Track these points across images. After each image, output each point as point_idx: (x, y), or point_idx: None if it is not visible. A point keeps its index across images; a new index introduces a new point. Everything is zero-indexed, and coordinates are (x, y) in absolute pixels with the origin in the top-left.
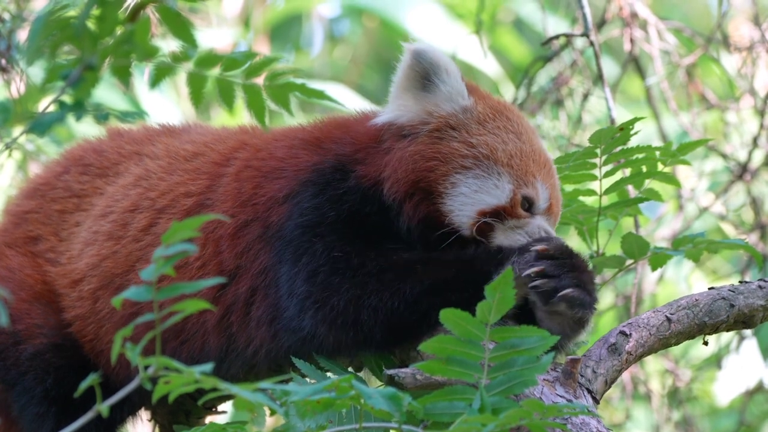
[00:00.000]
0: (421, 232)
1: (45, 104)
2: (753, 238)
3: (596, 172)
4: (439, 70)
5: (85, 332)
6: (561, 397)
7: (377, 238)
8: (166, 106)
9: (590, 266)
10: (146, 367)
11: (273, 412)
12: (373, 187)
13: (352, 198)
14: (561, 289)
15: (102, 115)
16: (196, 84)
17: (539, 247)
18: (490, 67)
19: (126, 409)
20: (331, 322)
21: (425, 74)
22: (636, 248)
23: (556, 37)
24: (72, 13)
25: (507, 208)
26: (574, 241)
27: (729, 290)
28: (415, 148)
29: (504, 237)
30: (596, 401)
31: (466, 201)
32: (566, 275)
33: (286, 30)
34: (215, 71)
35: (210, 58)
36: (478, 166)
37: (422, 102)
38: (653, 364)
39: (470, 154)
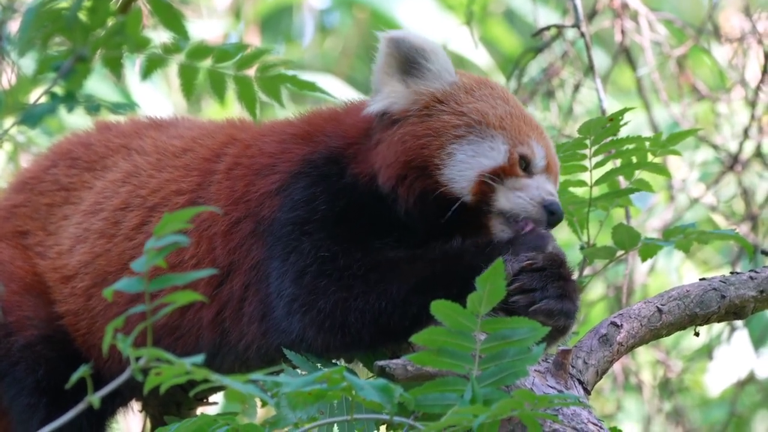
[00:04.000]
0: (421, 211)
1: (36, 96)
2: (744, 229)
3: (586, 162)
4: (425, 52)
5: (77, 327)
6: (552, 388)
7: (368, 235)
8: (157, 97)
9: (574, 274)
10: (138, 359)
11: (264, 404)
12: (369, 183)
13: (348, 194)
14: (539, 301)
15: (93, 106)
16: (187, 76)
17: (525, 262)
18: (481, 58)
19: (117, 402)
20: (319, 326)
21: (407, 59)
22: (627, 239)
23: (547, 28)
24: (63, 4)
25: (506, 168)
26: (564, 232)
27: (720, 281)
28: (404, 130)
29: (505, 199)
30: (587, 392)
31: (464, 167)
32: (551, 285)
33: (277, 21)
34: (206, 63)
35: (201, 50)
36: (471, 132)
37: (411, 86)
38: (644, 355)
39: (462, 123)
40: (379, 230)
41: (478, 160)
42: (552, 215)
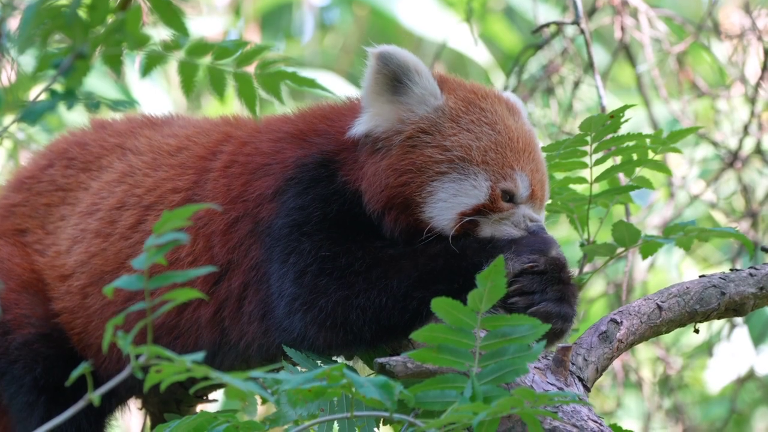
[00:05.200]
0: (406, 240)
1: (36, 93)
2: (744, 226)
3: (587, 159)
4: (409, 72)
5: (73, 325)
6: (552, 385)
7: (365, 235)
8: (157, 94)
9: (574, 278)
10: (137, 356)
11: (264, 401)
12: (357, 194)
13: (339, 199)
14: (537, 303)
15: (93, 103)
16: (187, 72)
17: (527, 264)
18: (480, 55)
19: (115, 401)
20: (321, 324)
21: (394, 77)
22: (627, 236)
23: (547, 25)
24: (63, 1)
25: (487, 205)
26: (564, 229)
27: (720, 278)
28: (387, 162)
29: (491, 230)
30: (587, 389)
31: (446, 206)
32: (550, 288)
33: (277, 18)
34: (206, 60)
35: (201, 47)
36: (453, 169)
37: (396, 107)
38: (644, 351)
39: (445, 159)
40: (376, 231)
41: (459, 199)
42: None
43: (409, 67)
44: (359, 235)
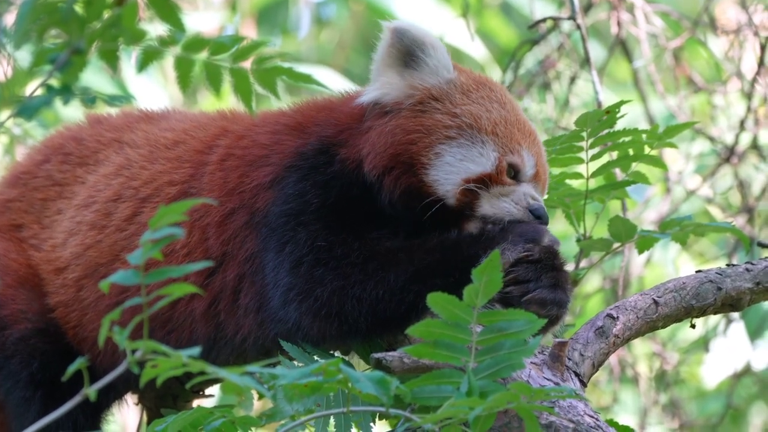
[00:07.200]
0: (404, 205)
1: (32, 88)
2: (740, 221)
3: (583, 155)
4: (424, 46)
5: (68, 319)
6: (548, 380)
7: (363, 225)
8: (153, 90)
9: (568, 265)
10: (133, 351)
11: (261, 396)
12: (356, 169)
13: (338, 183)
14: (532, 291)
15: (89, 98)
16: (183, 68)
17: (522, 254)
18: (477, 50)
19: (111, 395)
20: (315, 314)
21: (408, 51)
22: (623, 231)
23: (543, 20)
24: None
25: (493, 176)
26: (560, 225)
27: (716, 273)
28: (396, 122)
29: (489, 205)
30: (583, 384)
31: (451, 170)
32: (544, 276)
33: (273, 13)
34: (202, 55)
35: (197, 42)
36: (462, 135)
37: (407, 78)
38: (641, 347)
39: (454, 124)
40: (374, 220)
41: (465, 164)
42: (538, 219)
43: (424, 41)
44: (356, 225)
